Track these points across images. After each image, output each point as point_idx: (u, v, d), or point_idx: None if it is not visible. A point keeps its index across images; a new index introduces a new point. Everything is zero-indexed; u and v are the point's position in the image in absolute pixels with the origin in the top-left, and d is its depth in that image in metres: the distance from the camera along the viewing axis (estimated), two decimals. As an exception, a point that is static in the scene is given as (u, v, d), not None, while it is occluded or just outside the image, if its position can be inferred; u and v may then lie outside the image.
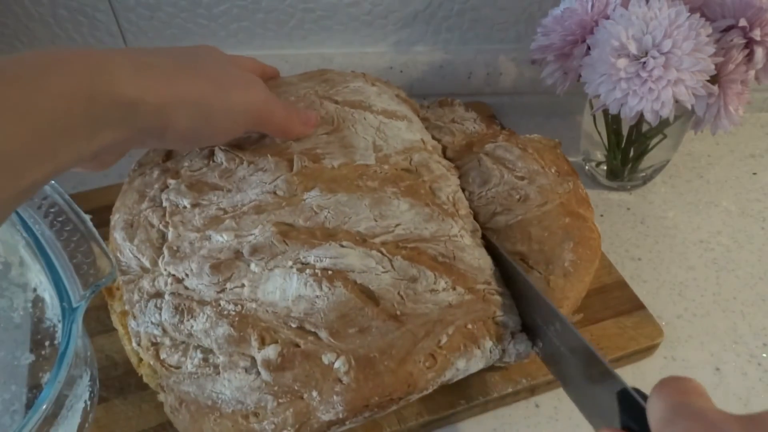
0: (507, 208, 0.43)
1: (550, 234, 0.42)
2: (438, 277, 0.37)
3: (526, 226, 0.43)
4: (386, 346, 0.34)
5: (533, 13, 0.62)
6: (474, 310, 0.37)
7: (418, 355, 0.35)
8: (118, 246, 0.41)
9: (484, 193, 0.44)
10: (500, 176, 0.45)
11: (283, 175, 0.40)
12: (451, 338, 0.36)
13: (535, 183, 0.44)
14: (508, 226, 0.43)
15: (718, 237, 0.56)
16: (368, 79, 0.51)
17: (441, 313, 0.36)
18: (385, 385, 0.34)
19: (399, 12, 0.61)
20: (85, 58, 0.30)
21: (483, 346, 0.37)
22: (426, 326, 0.36)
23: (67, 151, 0.29)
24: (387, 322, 0.35)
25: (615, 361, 0.44)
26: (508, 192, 0.44)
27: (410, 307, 0.36)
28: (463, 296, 0.37)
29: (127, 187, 0.44)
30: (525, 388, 0.42)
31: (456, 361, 0.36)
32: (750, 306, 0.50)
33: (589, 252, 0.43)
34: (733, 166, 0.63)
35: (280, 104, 0.41)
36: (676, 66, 0.43)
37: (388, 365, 0.34)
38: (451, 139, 0.49)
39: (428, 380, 0.35)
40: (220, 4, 0.60)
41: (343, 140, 0.43)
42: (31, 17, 0.60)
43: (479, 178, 0.45)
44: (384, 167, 0.42)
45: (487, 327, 0.38)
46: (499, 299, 0.39)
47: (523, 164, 0.45)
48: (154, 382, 0.37)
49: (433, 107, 0.54)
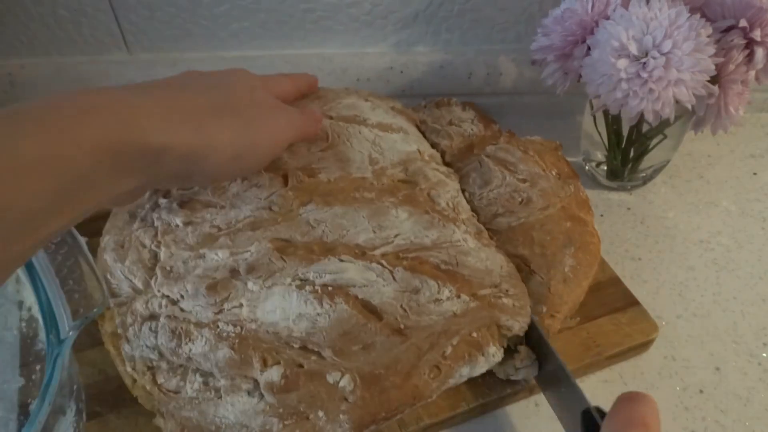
0: (509, 210, 0.43)
1: (552, 239, 0.42)
2: (442, 285, 0.37)
3: (529, 229, 0.42)
4: (391, 361, 0.34)
5: (533, 13, 0.62)
6: (479, 318, 0.37)
7: (423, 368, 0.35)
8: (109, 268, 0.40)
9: (485, 194, 0.44)
10: (502, 178, 0.45)
11: (277, 190, 0.40)
12: (455, 348, 0.36)
13: (537, 186, 0.44)
14: (510, 228, 0.43)
15: (718, 237, 0.56)
16: (361, 94, 0.51)
17: (445, 324, 0.36)
18: (392, 400, 0.34)
19: (399, 12, 0.61)
20: (116, 106, 0.29)
21: (487, 352, 0.37)
22: (431, 338, 0.35)
23: (88, 200, 0.28)
24: (391, 337, 0.35)
25: (612, 357, 0.44)
26: (510, 194, 0.44)
27: (414, 319, 0.35)
28: (468, 304, 0.37)
29: (117, 209, 0.43)
30: (525, 388, 0.42)
31: (460, 369, 0.36)
32: (750, 306, 0.50)
33: (589, 257, 0.43)
34: (733, 166, 0.63)
35: (299, 121, 0.40)
36: (676, 66, 0.43)
37: (394, 381, 0.34)
38: (449, 142, 0.49)
39: (432, 390, 0.35)
40: (220, 4, 0.60)
41: (338, 155, 0.43)
42: (31, 17, 0.60)
43: (480, 179, 0.45)
44: (381, 179, 0.42)
45: (491, 332, 0.37)
46: (506, 302, 0.38)
47: (525, 167, 0.45)
48: (150, 404, 0.36)
49: (430, 108, 0.54)
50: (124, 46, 0.63)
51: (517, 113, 0.67)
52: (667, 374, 0.45)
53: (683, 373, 0.45)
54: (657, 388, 0.44)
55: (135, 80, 0.63)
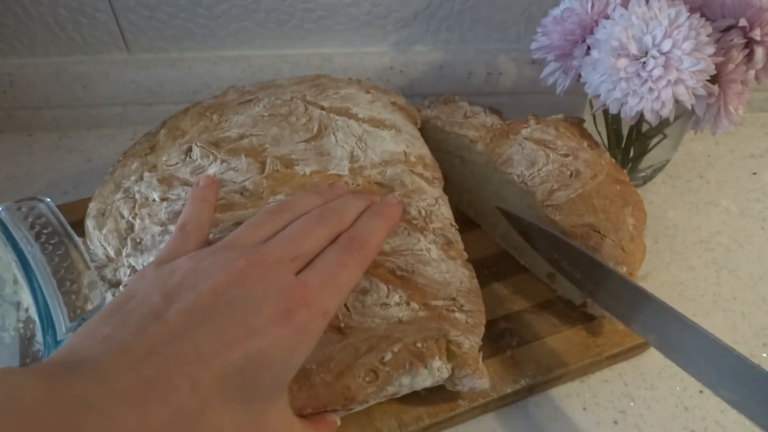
0: (563, 184, 0.44)
1: (611, 202, 0.44)
2: (392, 290, 0.36)
3: (588, 198, 0.44)
4: (325, 358, 0.34)
5: (533, 13, 0.62)
6: (426, 328, 0.36)
7: (358, 370, 0.34)
8: (89, 234, 0.41)
9: (535, 173, 0.45)
10: (546, 156, 0.46)
11: (253, 176, 0.40)
12: (396, 355, 0.35)
13: (579, 158, 0.46)
14: (570, 200, 0.44)
15: (718, 237, 0.56)
16: (363, 86, 0.50)
17: (389, 329, 0.35)
18: (320, 397, 0.33)
19: (399, 12, 0.61)
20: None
21: (431, 365, 0.35)
22: (370, 341, 0.35)
23: None
24: (329, 333, 0.34)
25: (612, 357, 0.44)
26: (558, 169, 0.45)
27: (356, 320, 0.35)
28: (417, 312, 0.36)
29: (109, 177, 0.44)
30: (524, 388, 0.42)
31: (400, 377, 0.35)
32: (750, 306, 0.50)
33: (642, 213, 0.45)
34: (733, 166, 0.63)
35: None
36: (676, 66, 0.43)
37: (324, 378, 0.33)
38: (476, 133, 0.49)
39: (368, 394, 0.34)
40: (220, 4, 0.60)
41: (320, 148, 0.43)
42: (31, 17, 0.60)
43: (525, 161, 0.46)
44: (357, 179, 0.41)
45: (439, 346, 0.36)
46: (459, 317, 0.37)
47: (562, 142, 0.47)
48: None
49: (438, 105, 0.54)
50: (124, 45, 0.63)
51: (516, 113, 0.67)
52: (667, 374, 0.45)
53: (683, 373, 0.44)
54: (657, 388, 0.44)
55: (135, 80, 0.64)
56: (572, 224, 0.43)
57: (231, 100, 0.49)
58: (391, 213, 0.37)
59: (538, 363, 0.43)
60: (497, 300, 0.47)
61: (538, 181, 0.45)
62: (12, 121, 0.66)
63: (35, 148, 0.65)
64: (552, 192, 0.44)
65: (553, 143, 0.47)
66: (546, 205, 0.44)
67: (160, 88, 0.64)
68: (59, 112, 0.66)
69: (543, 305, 0.47)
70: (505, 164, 0.47)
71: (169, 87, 0.64)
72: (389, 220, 0.37)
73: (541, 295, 0.48)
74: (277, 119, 0.45)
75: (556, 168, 0.45)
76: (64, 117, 0.66)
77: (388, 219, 0.37)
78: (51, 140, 0.66)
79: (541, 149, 0.46)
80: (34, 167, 0.63)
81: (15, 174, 0.62)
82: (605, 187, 0.45)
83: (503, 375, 0.42)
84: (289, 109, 0.45)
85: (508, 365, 0.43)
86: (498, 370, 0.43)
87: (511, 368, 0.43)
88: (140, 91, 0.65)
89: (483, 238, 0.53)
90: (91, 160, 0.64)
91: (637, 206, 0.45)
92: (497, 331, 0.45)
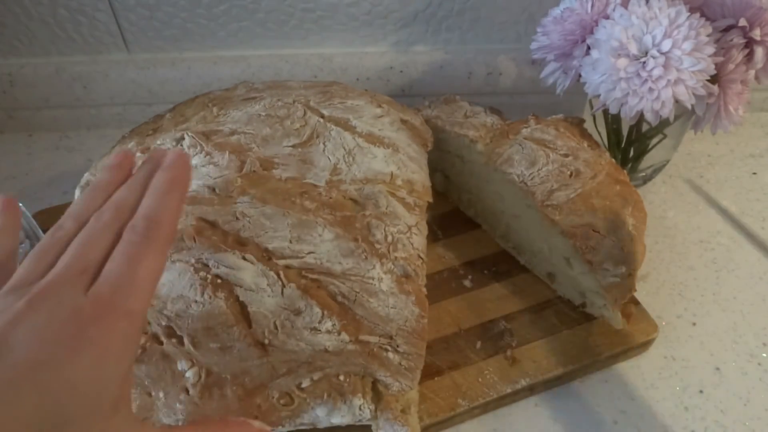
0: (563, 183, 0.45)
1: (611, 202, 0.44)
2: (326, 316, 0.35)
3: (587, 198, 0.44)
4: (241, 371, 0.33)
5: (533, 13, 0.62)
6: (352, 363, 0.35)
7: (273, 391, 0.34)
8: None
9: (535, 173, 0.45)
10: (546, 156, 0.46)
11: (228, 174, 0.40)
12: (315, 384, 0.34)
13: (579, 158, 0.46)
14: (569, 200, 0.44)
15: (718, 237, 0.56)
16: (378, 99, 0.49)
17: (312, 356, 0.34)
18: (229, 409, 0.33)
19: (399, 12, 0.61)
20: None
21: (350, 402, 0.34)
22: (289, 364, 0.34)
23: None
24: (251, 347, 0.34)
25: (612, 357, 0.44)
26: (558, 169, 0.45)
27: (281, 339, 0.34)
28: (346, 345, 0.35)
29: (109, 151, 0.45)
30: (524, 388, 0.42)
31: (316, 407, 0.34)
32: (750, 306, 0.50)
33: (642, 213, 0.45)
34: (733, 166, 0.63)
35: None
36: (676, 66, 0.43)
37: (236, 391, 0.33)
38: (476, 132, 0.49)
39: (281, 417, 0.34)
40: (219, 4, 0.60)
41: (305, 155, 0.42)
42: (31, 17, 0.60)
43: (525, 160, 0.46)
44: (331, 192, 0.40)
45: (364, 384, 0.35)
46: (392, 357, 0.35)
47: (562, 142, 0.47)
48: None
49: (439, 105, 0.54)
50: (124, 45, 0.63)
51: (517, 113, 0.67)
52: (667, 374, 0.45)
53: (683, 373, 0.45)
54: (657, 388, 0.44)
55: (135, 80, 0.64)
56: (572, 224, 0.43)
57: (237, 95, 0.49)
58: (173, 177, 0.30)
59: (538, 363, 0.43)
60: (497, 300, 0.47)
61: (538, 181, 0.45)
62: (12, 121, 0.66)
63: (35, 148, 0.66)
64: (552, 192, 0.44)
65: (553, 143, 0.47)
66: (546, 205, 0.44)
67: (160, 88, 0.65)
68: (59, 112, 0.66)
69: (543, 305, 0.47)
70: (505, 164, 0.47)
71: (169, 87, 0.64)
72: (175, 184, 0.31)
73: (541, 295, 0.48)
74: (272, 120, 0.44)
75: (556, 168, 0.45)
76: (64, 117, 0.66)
77: (173, 184, 0.30)
78: (51, 140, 0.66)
79: (541, 149, 0.46)
80: (34, 167, 0.63)
81: (15, 174, 0.62)
82: (605, 187, 0.45)
83: (503, 375, 0.42)
84: (287, 112, 0.45)
85: (508, 365, 0.43)
86: (498, 370, 0.43)
87: (511, 368, 0.43)
88: (140, 91, 0.65)
89: (483, 238, 0.53)
90: (91, 160, 0.64)
91: (637, 206, 0.45)
92: (497, 331, 0.45)
